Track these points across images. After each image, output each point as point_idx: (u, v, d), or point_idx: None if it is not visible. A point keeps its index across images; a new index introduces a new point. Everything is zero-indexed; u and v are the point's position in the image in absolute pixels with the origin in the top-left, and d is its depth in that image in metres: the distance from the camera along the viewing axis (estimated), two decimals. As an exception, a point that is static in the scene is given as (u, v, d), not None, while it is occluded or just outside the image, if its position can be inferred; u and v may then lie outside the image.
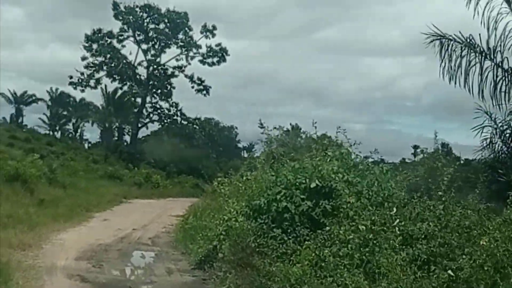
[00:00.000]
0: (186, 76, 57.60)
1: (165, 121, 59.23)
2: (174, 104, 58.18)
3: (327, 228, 9.66)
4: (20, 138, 65.49)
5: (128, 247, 15.33)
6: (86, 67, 55.44)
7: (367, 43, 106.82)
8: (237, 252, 10.87)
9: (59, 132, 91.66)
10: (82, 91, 56.66)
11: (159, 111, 58.56)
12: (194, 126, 58.58)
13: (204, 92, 57.93)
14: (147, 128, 68.12)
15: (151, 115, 59.04)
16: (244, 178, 15.36)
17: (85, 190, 29.16)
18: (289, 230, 10.03)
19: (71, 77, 55.37)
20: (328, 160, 11.15)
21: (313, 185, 10.01)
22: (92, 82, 56.29)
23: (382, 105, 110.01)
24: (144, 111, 58.66)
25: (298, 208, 10.06)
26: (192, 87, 57.72)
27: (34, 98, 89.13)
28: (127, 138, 68.98)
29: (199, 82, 57.75)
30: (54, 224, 17.08)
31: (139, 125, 59.00)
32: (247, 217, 11.51)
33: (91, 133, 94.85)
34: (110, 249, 14.40)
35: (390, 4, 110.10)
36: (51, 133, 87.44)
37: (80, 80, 55.59)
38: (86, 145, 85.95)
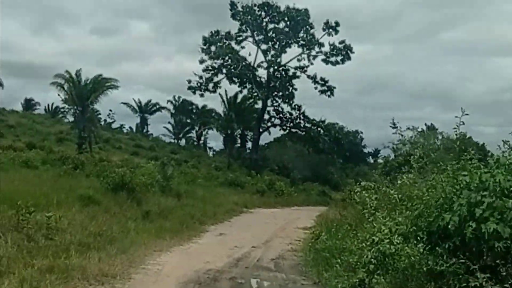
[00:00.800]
0: (308, 76, 53.94)
1: (288, 125, 55.81)
2: (296, 106, 54.59)
3: None
4: (145, 146, 66.62)
5: (244, 273, 11.76)
6: (205, 70, 53.49)
7: (496, 43, 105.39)
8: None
9: (184, 140, 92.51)
10: (201, 95, 54.70)
11: (281, 114, 55.26)
12: (319, 129, 54.58)
13: (328, 93, 53.86)
14: (269, 133, 65.64)
15: (273, 119, 55.90)
16: (400, 182, 11.18)
17: (202, 199, 26.39)
18: (501, 272, 5.86)
19: (189, 81, 53.69)
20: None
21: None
22: (210, 86, 54.20)
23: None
24: (265, 115, 55.65)
25: (515, 232, 5.82)
26: (315, 88, 53.90)
27: (157, 106, 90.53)
28: (249, 144, 67.07)
29: (323, 82, 53.82)
30: (156, 242, 13.96)
31: (261, 130, 56.06)
32: (416, 240, 7.50)
33: (217, 141, 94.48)
34: (221, 278, 10.93)
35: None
36: (175, 141, 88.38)
37: (199, 84, 53.72)
38: (210, 153, 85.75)
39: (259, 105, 56.07)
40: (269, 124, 56.08)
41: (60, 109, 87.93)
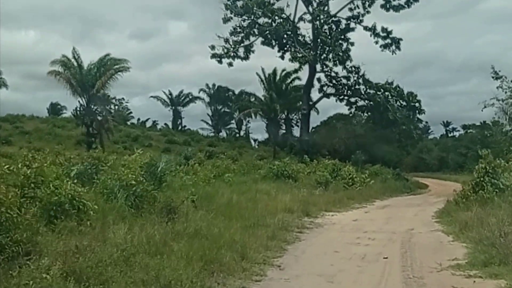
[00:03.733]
0: (366, 28, 39.46)
1: (345, 93, 41.43)
2: (353, 69, 40.17)
3: None
4: (178, 142, 58.00)
5: None
6: (233, 33, 39.47)
7: None
8: None
9: (225, 133, 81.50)
10: (230, 64, 40.03)
11: (334, 80, 40.88)
12: (387, 94, 39.81)
13: (393, 47, 39.39)
14: (317, 112, 52.99)
15: (325, 87, 41.55)
16: None
17: (227, 209, 13.25)
18: None
19: (212, 47, 39.64)
20: None
21: None
22: (241, 52, 40.08)
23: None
24: (315, 83, 41.41)
25: None
26: (376, 42, 39.49)
27: (190, 97, 78.80)
28: (296, 130, 55.48)
29: (385, 34, 39.32)
30: None
31: (310, 103, 42.12)
32: None
33: (262, 133, 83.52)
34: None
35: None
36: (216, 134, 77.35)
37: (225, 50, 39.47)
38: (255, 145, 74.47)
39: (304, 74, 41.83)
40: (320, 94, 41.92)
41: (87, 110, 77.99)
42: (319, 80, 40.64)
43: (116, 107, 77.55)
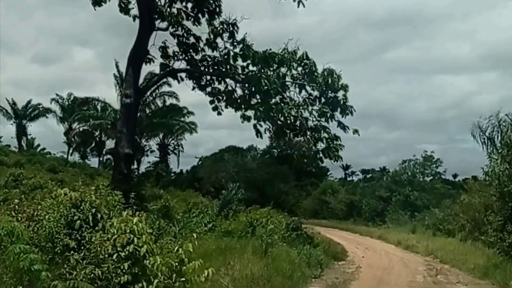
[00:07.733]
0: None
1: (208, 71, 21.10)
2: (225, 27, 20.23)
3: None
4: (8, 163, 40.68)
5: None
6: None
7: (438, 61, 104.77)
8: None
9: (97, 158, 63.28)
10: None
11: (190, 49, 20.84)
12: (284, 71, 19.47)
13: None
14: (192, 130, 35.40)
15: (171, 61, 21.20)
16: None
17: None
18: None
19: None
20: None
21: None
22: None
23: (456, 124, 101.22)
24: (154, 52, 21.07)
25: None
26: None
27: (41, 108, 57.92)
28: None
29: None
30: None
31: (145, 83, 22.25)
32: None
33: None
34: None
35: (460, 20, 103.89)
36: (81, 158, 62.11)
37: None
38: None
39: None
40: (162, 72, 21.64)
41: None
42: (164, 49, 20.73)
43: None
